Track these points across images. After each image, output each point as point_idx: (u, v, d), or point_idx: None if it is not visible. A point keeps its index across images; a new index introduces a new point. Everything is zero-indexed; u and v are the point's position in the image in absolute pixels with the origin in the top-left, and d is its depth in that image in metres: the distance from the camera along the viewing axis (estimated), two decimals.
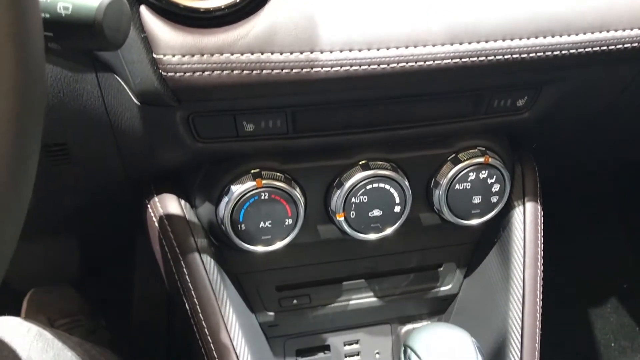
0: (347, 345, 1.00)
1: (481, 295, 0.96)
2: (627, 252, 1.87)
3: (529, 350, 0.87)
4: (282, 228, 0.80)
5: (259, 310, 0.92)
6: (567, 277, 1.78)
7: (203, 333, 0.79)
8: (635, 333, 1.80)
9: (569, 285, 1.79)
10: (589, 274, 1.83)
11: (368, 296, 0.96)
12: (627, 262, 1.87)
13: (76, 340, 0.76)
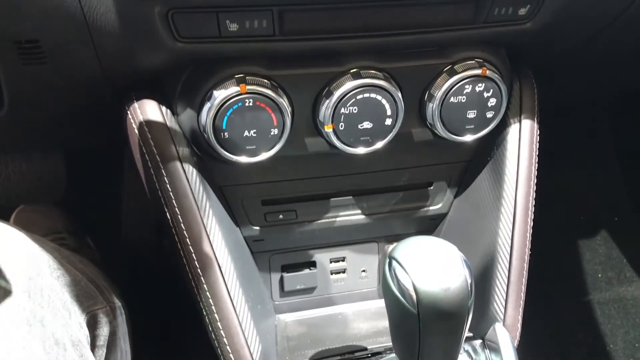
0: (333, 263, 0.99)
1: (471, 215, 0.94)
2: (620, 185, 1.86)
3: (517, 270, 0.86)
4: (267, 138, 0.77)
5: (243, 224, 0.90)
6: (558, 208, 1.78)
7: (185, 243, 0.77)
8: (622, 265, 1.81)
9: (559, 216, 1.79)
10: (580, 206, 1.82)
11: (356, 214, 0.94)
12: (619, 195, 1.86)
13: (53, 246, 0.75)
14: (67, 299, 0.67)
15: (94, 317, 0.73)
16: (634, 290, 1.76)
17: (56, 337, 0.60)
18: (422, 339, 0.62)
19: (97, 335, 0.73)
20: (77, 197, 1.57)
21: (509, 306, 0.85)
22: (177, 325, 1.35)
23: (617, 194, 1.86)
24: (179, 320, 1.30)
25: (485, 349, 0.85)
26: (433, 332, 0.62)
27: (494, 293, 0.85)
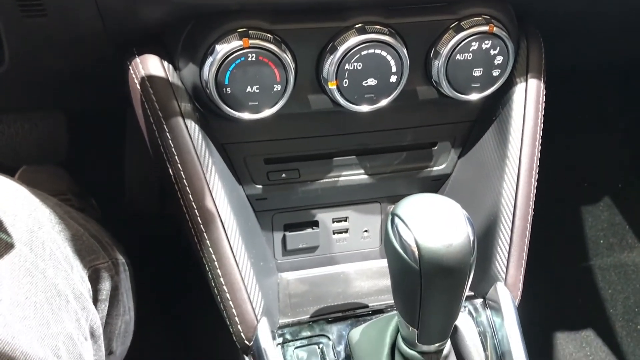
0: (335, 222, 0.99)
1: (475, 176, 0.93)
2: (625, 151, 1.85)
3: (520, 230, 0.86)
4: (270, 94, 0.76)
5: (246, 182, 0.89)
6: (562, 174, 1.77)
7: (187, 199, 0.77)
8: (624, 231, 1.81)
9: (564, 182, 1.78)
10: (585, 171, 1.81)
11: (359, 173, 0.93)
12: (623, 161, 1.85)
13: (55, 201, 0.75)
14: (69, 252, 0.68)
15: (96, 272, 0.73)
16: (635, 256, 1.76)
17: (58, 289, 0.61)
18: (424, 296, 0.63)
19: (99, 289, 0.74)
20: (81, 158, 1.57)
21: (511, 266, 0.85)
22: (181, 284, 1.36)
23: (622, 160, 1.85)
24: (183, 279, 1.31)
25: (486, 308, 0.86)
26: (434, 289, 0.62)
27: (495, 253, 0.85)
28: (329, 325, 0.82)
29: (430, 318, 0.66)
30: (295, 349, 0.79)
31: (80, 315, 0.62)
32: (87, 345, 0.62)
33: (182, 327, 1.36)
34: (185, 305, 1.37)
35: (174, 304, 1.39)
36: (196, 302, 1.04)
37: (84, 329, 0.62)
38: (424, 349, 0.71)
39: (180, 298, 1.38)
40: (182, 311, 1.37)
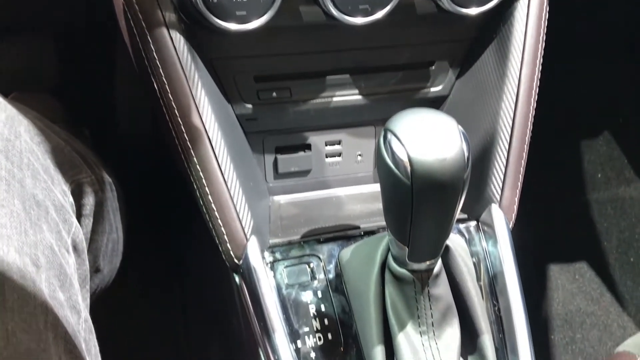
0: (328, 146, 0.97)
1: (473, 97, 0.90)
2: (627, 86, 1.81)
3: (517, 151, 0.83)
4: (258, 3, 0.72)
5: (235, 101, 0.86)
6: (561, 106, 1.73)
7: (173, 114, 0.74)
8: (622, 166, 1.80)
9: (562, 114, 1.75)
10: (586, 104, 1.78)
11: (353, 94, 0.90)
12: (625, 96, 1.82)
13: (35, 114, 0.72)
14: (49, 165, 0.65)
15: (79, 187, 0.71)
16: (632, 190, 1.75)
17: (37, 199, 0.59)
18: (415, 213, 0.61)
19: (83, 204, 0.72)
20: (71, 86, 1.53)
21: (506, 187, 0.83)
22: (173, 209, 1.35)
23: (623, 94, 1.81)
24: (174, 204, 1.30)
25: (480, 230, 0.85)
26: (426, 205, 0.60)
27: (491, 174, 0.84)
28: (319, 245, 0.81)
29: (421, 235, 0.64)
30: (285, 267, 0.78)
31: (61, 227, 0.61)
32: (70, 258, 0.61)
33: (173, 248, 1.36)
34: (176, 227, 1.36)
35: (165, 227, 1.39)
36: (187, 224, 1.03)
37: (65, 242, 0.61)
38: (414, 267, 0.70)
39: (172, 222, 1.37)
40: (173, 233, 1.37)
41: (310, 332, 0.75)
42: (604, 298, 1.65)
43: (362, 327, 0.74)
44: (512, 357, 0.75)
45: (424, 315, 0.72)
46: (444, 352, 0.72)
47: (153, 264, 1.31)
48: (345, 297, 0.78)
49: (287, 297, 0.76)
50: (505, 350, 0.76)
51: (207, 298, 1.12)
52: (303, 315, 0.76)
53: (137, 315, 1.27)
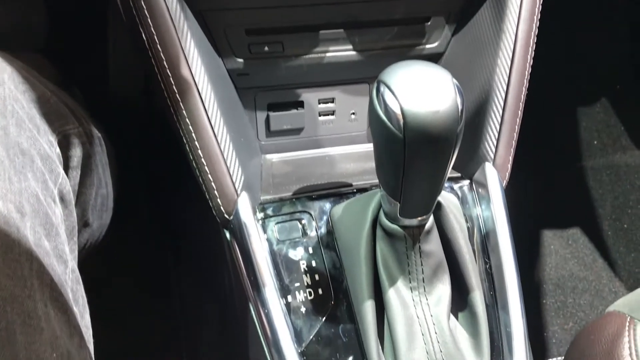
0: (322, 104, 0.95)
1: (468, 55, 0.89)
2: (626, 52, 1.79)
3: (512, 109, 0.82)
4: None
5: (226, 55, 0.85)
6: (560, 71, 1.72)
7: (162, 66, 0.73)
8: (619, 133, 1.79)
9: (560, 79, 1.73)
10: (584, 71, 1.76)
11: (347, 49, 0.89)
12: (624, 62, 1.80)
13: (21, 64, 0.70)
14: (35, 114, 0.64)
15: (66, 138, 0.70)
16: (628, 157, 1.75)
17: (22, 148, 0.57)
18: (407, 166, 0.60)
19: (70, 156, 0.71)
20: (61, 47, 1.50)
21: (500, 146, 0.82)
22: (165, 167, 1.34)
23: (622, 61, 1.79)
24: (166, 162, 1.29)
25: (473, 189, 0.84)
26: (418, 159, 0.59)
27: (485, 132, 0.83)
28: (311, 202, 0.80)
29: (413, 190, 0.63)
30: (276, 224, 0.78)
31: (47, 177, 0.60)
32: (56, 209, 0.60)
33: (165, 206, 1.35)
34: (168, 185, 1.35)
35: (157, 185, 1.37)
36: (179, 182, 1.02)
37: (51, 191, 0.60)
38: (405, 223, 0.69)
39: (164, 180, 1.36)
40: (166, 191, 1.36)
41: (301, 287, 0.75)
42: (597, 263, 1.66)
43: (352, 283, 0.74)
44: (503, 314, 0.75)
45: (415, 271, 0.71)
46: (434, 308, 0.72)
47: (145, 221, 1.31)
48: (336, 253, 0.77)
49: (278, 253, 0.76)
50: (495, 307, 0.76)
51: (199, 255, 1.12)
52: (294, 270, 0.75)
53: (128, 271, 1.27)
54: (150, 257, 1.31)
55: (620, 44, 1.80)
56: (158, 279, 1.30)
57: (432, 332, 0.71)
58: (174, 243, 1.33)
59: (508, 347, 0.73)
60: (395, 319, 0.71)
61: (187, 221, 1.20)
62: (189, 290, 1.28)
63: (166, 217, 1.34)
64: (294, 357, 0.70)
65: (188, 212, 1.17)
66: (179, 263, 1.32)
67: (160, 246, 1.33)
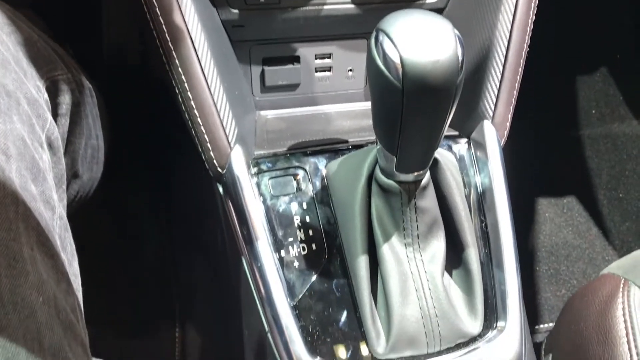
0: (318, 59, 0.93)
1: (470, 9, 0.86)
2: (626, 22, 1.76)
3: (513, 67, 0.81)
4: None
5: (221, 5, 0.82)
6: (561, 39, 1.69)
7: (154, 12, 0.71)
8: (618, 102, 1.77)
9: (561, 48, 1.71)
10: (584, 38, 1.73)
11: (345, 1, 0.86)
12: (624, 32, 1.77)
13: (7, 7, 0.68)
14: (21, 57, 0.62)
15: (55, 84, 0.68)
16: (626, 127, 1.74)
17: (7, 89, 0.56)
18: (404, 118, 0.58)
19: (58, 103, 0.69)
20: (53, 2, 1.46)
21: (500, 103, 0.81)
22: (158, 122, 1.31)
23: (623, 30, 1.77)
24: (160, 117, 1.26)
25: (470, 148, 0.83)
26: (416, 110, 0.58)
27: (485, 89, 0.81)
28: (306, 158, 0.79)
29: (410, 144, 0.62)
30: (270, 179, 0.76)
31: (34, 121, 0.58)
32: (44, 154, 0.58)
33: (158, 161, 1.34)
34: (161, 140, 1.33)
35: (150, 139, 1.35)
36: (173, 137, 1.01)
37: (39, 136, 0.58)
38: (401, 179, 0.68)
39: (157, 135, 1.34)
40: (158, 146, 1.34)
41: (294, 242, 0.74)
42: (591, 232, 1.66)
43: (346, 238, 0.73)
44: (497, 272, 0.75)
45: (410, 227, 0.70)
46: (428, 264, 0.71)
47: (137, 176, 1.29)
48: (330, 208, 0.76)
49: (272, 208, 0.75)
50: (490, 265, 0.76)
51: (191, 210, 1.11)
52: (287, 225, 0.74)
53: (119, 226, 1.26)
54: (141, 212, 1.30)
55: (622, 13, 1.77)
56: (149, 235, 1.29)
57: (426, 289, 0.70)
58: (167, 198, 1.31)
59: (502, 305, 0.73)
60: (388, 275, 0.70)
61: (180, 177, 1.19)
62: (181, 246, 1.27)
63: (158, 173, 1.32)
64: (286, 310, 0.69)
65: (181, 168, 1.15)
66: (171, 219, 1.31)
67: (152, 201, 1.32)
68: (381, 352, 0.69)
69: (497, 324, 0.72)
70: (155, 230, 1.28)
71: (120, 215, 1.26)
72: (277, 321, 0.69)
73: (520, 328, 0.72)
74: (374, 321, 0.70)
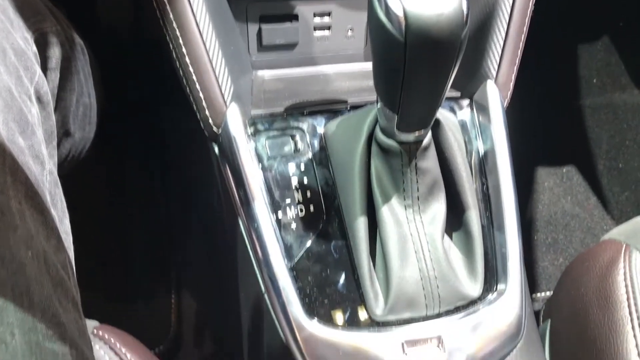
0: (317, 17, 0.90)
1: None
2: None
3: (517, 25, 0.79)
4: None
5: None
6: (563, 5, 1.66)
7: None
8: (620, 72, 1.75)
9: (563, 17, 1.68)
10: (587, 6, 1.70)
11: None
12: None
13: None
14: (7, 6, 0.59)
15: (44, 37, 0.65)
16: (627, 96, 1.71)
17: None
18: (407, 75, 0.56)
19: (48, 56, 0.66)
20: None
21: (504, 63, 0.79)
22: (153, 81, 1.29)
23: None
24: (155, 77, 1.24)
25: (473, 109, 0.81)
26: (419, 66, 0.56)
27: (488, 48, 0.79)
28: (304, 118, 0.77)
29: (412, 101, 0.60)
30: (267, 139, 0.74)
31: (22, 73, 0.56)
32: (32, 108, 0.56)
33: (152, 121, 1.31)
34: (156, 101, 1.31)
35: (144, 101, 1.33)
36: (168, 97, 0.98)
37: (27, 89, 0.56)
38: (402, 138, 0.66)
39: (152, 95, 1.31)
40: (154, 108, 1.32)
41: (292, 204, 0.72)
42: (590, 201, 1.65)
43: (345, 200, 0.72)
44: (498, 235, 0.73)
45: (410, 189, 0.69)
46: (428, 226, 0.70)
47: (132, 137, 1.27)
48: (329, 170, 0.74)
49: (269, 169, 0.73)
50: (491, 228, 0.74)
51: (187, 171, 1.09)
52: (285, 187, 0.73)
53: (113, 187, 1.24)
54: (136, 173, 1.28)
55: None
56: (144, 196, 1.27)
57: (426, 251, 0.69)
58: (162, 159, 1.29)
59: (502, 268, 0.72)
60: (388, 236, 0.69)
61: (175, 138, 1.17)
62: (177, 208, 1.26)
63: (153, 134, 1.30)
64: (283, 272, 0.68)
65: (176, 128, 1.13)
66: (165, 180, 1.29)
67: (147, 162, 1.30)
68: (379, 313, 0.68)
69: (498, 286, 0.71)
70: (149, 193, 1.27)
71: (114, 177, 1.24)
72: (274, 282, 0.68)
73: (521, 291, 0.71)
74: (372, 283, 0.68)
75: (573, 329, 0.82)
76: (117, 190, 1.24)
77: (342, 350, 0.66)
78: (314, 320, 0.67)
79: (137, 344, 0.67)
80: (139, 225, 1.26)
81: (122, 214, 1.25)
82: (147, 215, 1.27)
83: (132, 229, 1.25)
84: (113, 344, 0.64)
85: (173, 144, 1.22)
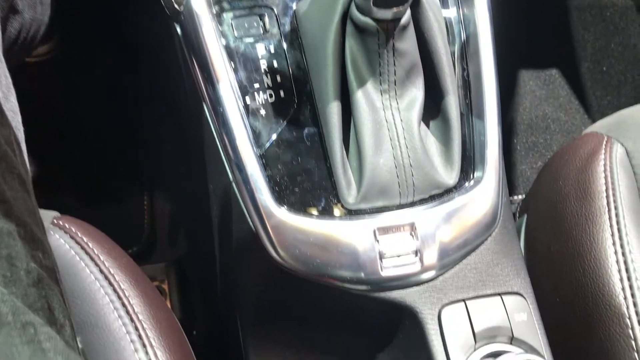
0: None
1: None
2: None
3: None
4: None
5: None
6: None
7: None
8: None
9: None
10: None
11: None
12: None
13: None
14: None
15: None
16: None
17: None
18: None
19: None
20: None
21: None
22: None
23: None
24: None
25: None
26: None
27: None
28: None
29: None
30: (234, 19, 0.69)
31: None
32: None
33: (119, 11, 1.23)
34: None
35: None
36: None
37: None
38: (379, 15, 0.61)
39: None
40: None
41: (261, 89, 0.68)
42: (571, 105, 1.62)
43: (317, 84, 0.67)
44: (477, 122, 0.70)
45: (386, 72, 0.65)
46: (404, 112, 0.66)
47: (99, 27, 1.19)
48: (300, 52, 0.70)
49: (235, 50, 0.68)
50: (470, 115, 0.71)
51: (155, 59, 1.03)
52: (253, 70, 0.68)
53: (82, 80, 1.17)
54: (103, 64, 1.21)
55: None
56: (112, 84, 1.21)
57: (401, 138, 0.66)
58: (130, 48, 1.22)
59: (480, 156, 0.69)
60: (362, 123, 0.65)
61: (142, 24, 1.09)
62: (145, 100, 1.20)
63: (119, 22, 1.21)
64: (251, 159, 0.65)
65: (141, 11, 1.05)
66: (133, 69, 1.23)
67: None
68: (352, 201, 0.65)
69: (474, 174, 0.69)
70: (116, 81, 1.20)
71: (83, 69, 1.17)
72: (242, 170, 0.65)
73: (498, 179, 0.69)
74: (344, 170, 0.66)
75: (549, 221, 0.81)
76: (85, 83, 1.17)
77: (312, 237, 0.64)
78: (283, 208, 0.65)
79: (100, 234, 0.64)
80: (108, 124, 1.21)
81: (91, 112, 1.19)
82: (116, 113, 1.21)
83: (102, 129, 1.20)
84: (74, 233, 0.61)
85: (140, 30, 1.13)
